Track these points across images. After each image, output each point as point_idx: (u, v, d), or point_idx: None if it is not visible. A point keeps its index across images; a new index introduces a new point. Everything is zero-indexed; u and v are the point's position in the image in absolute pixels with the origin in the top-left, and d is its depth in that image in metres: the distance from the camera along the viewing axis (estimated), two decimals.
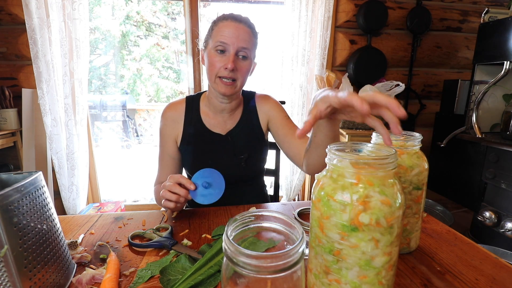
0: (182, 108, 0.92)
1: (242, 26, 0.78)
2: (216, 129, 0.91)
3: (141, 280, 0.50)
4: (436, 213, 1.83)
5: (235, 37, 0.77)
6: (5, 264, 0.38)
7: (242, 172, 0.92)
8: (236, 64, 0.79)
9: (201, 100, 0.93)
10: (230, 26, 0.77)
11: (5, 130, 1.66)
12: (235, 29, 0.77)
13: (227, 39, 0.77)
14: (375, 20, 1.85)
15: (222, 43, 0.77)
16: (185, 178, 0.70)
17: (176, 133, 0.91)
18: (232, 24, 0.77)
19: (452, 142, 1.71)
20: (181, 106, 0.92)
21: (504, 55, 1.43)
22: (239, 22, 0.78)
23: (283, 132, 0.91)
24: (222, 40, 0.77)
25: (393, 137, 0.55)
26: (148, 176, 3.25)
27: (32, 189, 0.44)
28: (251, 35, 0.80)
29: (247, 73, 0.83)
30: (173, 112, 0.91)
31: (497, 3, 2.05)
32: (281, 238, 0.35)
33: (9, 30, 1.68)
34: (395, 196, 0.36)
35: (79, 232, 0.68)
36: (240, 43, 0.77)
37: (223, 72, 0.79)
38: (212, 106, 0.90)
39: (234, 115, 0.93)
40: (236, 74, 0.80)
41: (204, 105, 0.92)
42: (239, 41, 0.77)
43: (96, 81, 4.77)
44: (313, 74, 1.86)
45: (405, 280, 0.50)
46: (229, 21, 0.78)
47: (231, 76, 0.79)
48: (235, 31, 0.77)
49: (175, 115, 0.91)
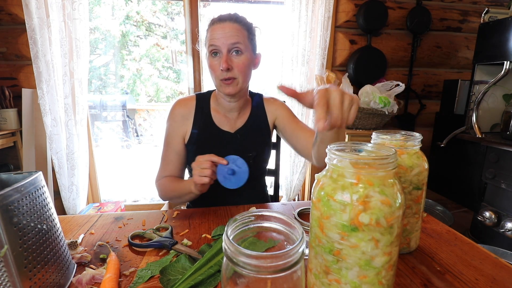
0: (192, 105, 0.92)
1: (228, 24, 0.79)
2: (225, 127, 0.92)
3: (141, 280, 0.50)
4: (436, 213, 1.83)
5: (223, 37, 0.78)
6: (5, 264, 0.38)
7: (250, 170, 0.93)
8: (231, 62, 0.79)
9: (211, 98, 0.94)
10: (217, 29, 0.79)
11: (5, 130, 1.66)
12: (222, 29, 0.78)
13: (216, 41, 0.78)
14: (375, 20, 1.85)
15: (213, 46, 0.79)
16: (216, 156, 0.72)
17: (185, 129, 0.91)
18: (218, 26, 0.79)
19: (452, 142, 1.71)
20: (191, 103, 0.92)
21: (504, 55, 1.43)
22: (224, 21, 0.79)
23: (291, 127, 0.93)
24: (212, 43, 0.79)
25: (393, 137, 0.55)
26: (148, 176, 3.25)
27: (32, 189, 0.44)
28: (240, 29, 0.80)
29: (247, 68, 0.82)
30: (183, 108, 0.91)
31: (497, 3, 2.05)
32: (281, 238, 0.35)
33: (9, 30, 1.68)
34: (395, 196, 0.36)
35: (79, 232, 0.68)
36: (228, 40, 0.78)
37: (222, 74, 0.80)
38: (221, 105, 0.91)
39: (242, 114, 0.94)
40: (233, 72, 0.80)
41: (214, 103, 0.93)
42: (227, 39, 0.78)
43: (96, 81, 4.77)
44: (313, 74, 1.86)
45: (405, 280, 0.50)
46: (216, 24, 0.80)
47: (229, 76, 0.80)
48: (222, 31, 0.78)
49: (185, 112, 0.91)
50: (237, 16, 0.81)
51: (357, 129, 1.79)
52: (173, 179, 0.88)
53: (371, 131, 0.61)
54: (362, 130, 1.77)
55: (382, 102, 1.67)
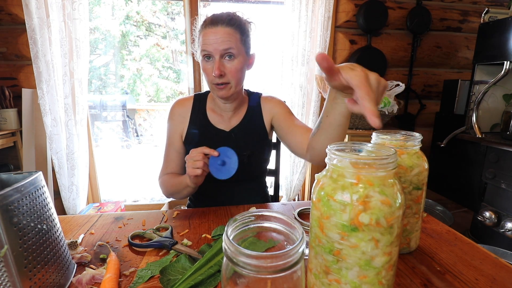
0: (189, 104, 0.95)
1: (220, 28, 0.77)
2: (220, 125, 0.93)
3: (141, 280, 0.50)
4: (436, 213, 1.83)
5: (215, 43, 0.77)
6: (5, 264, 0.38)
7: (245, 169, 0.93)
8: (224, 68, 0.79)
9: (208, 98, 0.96)
10: (209, 33, 0.78)
11: (5, 130, 1.66)
12: (214, 34, 0.77)
13: (208, 46, 0.78)
14: (375, 20, 1.85)
15: (205, 52, 0.79)
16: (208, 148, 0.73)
17: (182, 128, 0.93)
18: (211, 30, 0.78)
19: (452, 142, 1.71)
20: (189, 102, 0.95)
21: (504, 55, 1.43)
22: (216, 25, 0.78)
23: (286, 124, 0.91)
24: (204, 49, 0.79)
25: (393, 137, 0.55)
26: (148, 176, 3.26)
27: (32, 189, 0.44)
28: (232, 33, 0.79)
29: (240, 72, 0.82)
30: (181, 108, 0.94)
31: (497, 3, 2.05)
32: (281, 238, 0.35)
33: (9, 30, 1.68)
34: (395, 196, 0.36)
35: (79, 232, 0.68)
36: (221, 46, 0.77)
37: (214, 79, 0.80)
38: (217, 105, 0.93)
39: (238, 113, 0.95)
40: (226, 77, 0.80)
41: (210, 102, 0.95)
42: (219, 45, 0.77)
43: (96, 81, 4.76)
44: (313, 74, 1.86)
45: (405, 280, 0.50)
46: (208, 28, 0.78)
47: (222, 81, 0.80)
48: (214, 36, 0.77)
49: (182, 111, 0.94)
50: (229, 18, 0.79)
51: (357, 129, 1.79)
52: (172, 176, 0.89)
53: (371, 131, 0.61)
54: (362, 130, 1.77)
55: (382, 102, 1.67)
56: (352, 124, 1.80)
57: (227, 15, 0.80)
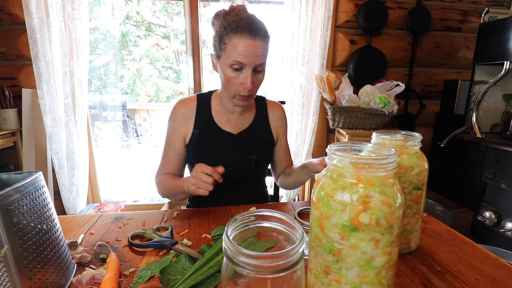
0: (193, 105, 0.91)
1: (258, 41, 0.73)
2: (227, 127, 0.91)
3: (141, 280, 0.50)
4: (436, 213, 1.83)
5: (252, 56, 0.73)
6: (5, 264, 0.38)
7: (251, 172, 0.93)
8: (253, 80, 0.77)
9: (213, 99, 0.93)
10: (247, 45, 0.72)
11: (5, 130, 1.66)
12: (252, 47, 0.72)
13: (244, 59, 0.73)
14: (375, 20, 1.85)
15: (238, 63, 0.74)
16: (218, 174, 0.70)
17: (186, 130, 0.90)
18: (249, 43, 0.72)
19: (452, 142, 1.71)
20: (193, 103, 0.91)
21: (504, 55, 1.43)
22: (255, 37, 0.72)
23: (280, 145, 1.00)
24: (238, 60, 0.73)
25: (393, 137, 0.55)
26: (148, 176, 3.25)
27: (32, 189, 0.44)
28: (266, 47, 0.77)
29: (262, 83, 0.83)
30: (185, 109, 0.90)
31: (497, 3, 2.05)
32: (281, 238, 0.35)
33: (9, 30, 1.68)
34: (395, 196, 0.36)
35: (79, 232, 0.68)
36: (257, 61, 0.75)
37: (242, 91, 0.78)
38: (224, 107, 0.91)
39: (245, 116, 0.94)
40: (253, 90, 0.80)
41: (215, 103, 0.93)
42: (256, 59, 0.74)
43: (96, 81, 4.76)
44: (313, 74, 1.86)
45: (405, 280, 0.50)
46: (245, 38, 0.72)
47: (249, 94, 0.79)
48: (252, 49, 0.72)
49: (186, 112, 0.90)
50: (265, 31, 0.75)
51: (357, 129, 1.79)
52: (170, 177, 0.88)
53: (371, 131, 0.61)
54: (362, 130, 1.77)
55: (382, 102, 1.67)
56: (352, 124, 1.80)
57: (263, 28, 0.75)
